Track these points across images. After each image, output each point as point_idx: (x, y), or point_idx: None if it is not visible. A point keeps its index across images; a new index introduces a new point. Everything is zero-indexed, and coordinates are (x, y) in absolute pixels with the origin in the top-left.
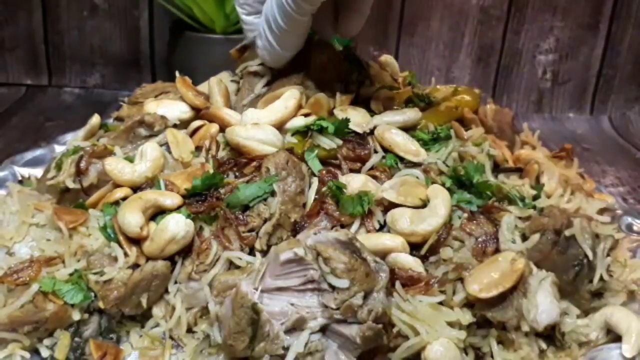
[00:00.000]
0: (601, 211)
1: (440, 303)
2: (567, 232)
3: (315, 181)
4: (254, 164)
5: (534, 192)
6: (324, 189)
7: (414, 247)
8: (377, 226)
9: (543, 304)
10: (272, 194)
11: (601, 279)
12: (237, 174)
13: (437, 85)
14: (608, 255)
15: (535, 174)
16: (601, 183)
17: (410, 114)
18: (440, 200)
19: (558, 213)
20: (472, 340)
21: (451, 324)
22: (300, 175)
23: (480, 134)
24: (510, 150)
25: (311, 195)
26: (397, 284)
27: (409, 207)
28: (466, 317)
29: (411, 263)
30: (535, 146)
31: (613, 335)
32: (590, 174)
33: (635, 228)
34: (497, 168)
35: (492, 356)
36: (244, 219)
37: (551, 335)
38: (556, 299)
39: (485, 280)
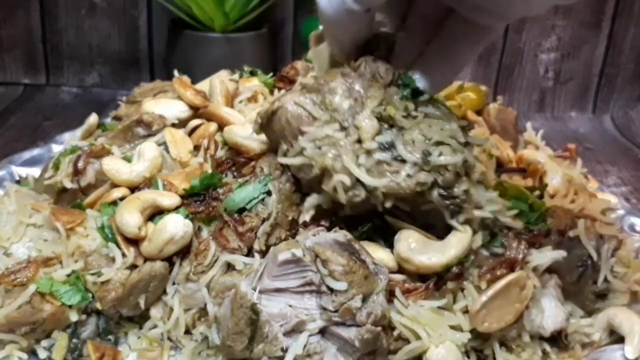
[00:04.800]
0: (604, 211)
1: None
2: (571, 233)
3: None
4: (253, 163)
5: (537, 192)
6: None
7: None
8: None
9: (548, 309)
10: (269, 193)
11: (605, 279)
12: (235, 173)
13: None
14: (612, 256)
15: (539, 174)
16: (603, 183)
17: None
18: (457, 240)
19: (562, 213)
20: (474, 343)
21: (453, 327)
22: None
23: (483, 133)
24: (513, 150)
25: None
26: (397, 291)
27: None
28: (468, 321)
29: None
30: (538, 146)
31: (616, 336)
32: (593, 174)
33: (637, 228)
34: (500, 168)
35: (494, 359)
36: (242, 221)
37: (554, 336)
38: (560, 302)
39: (495, 314)
